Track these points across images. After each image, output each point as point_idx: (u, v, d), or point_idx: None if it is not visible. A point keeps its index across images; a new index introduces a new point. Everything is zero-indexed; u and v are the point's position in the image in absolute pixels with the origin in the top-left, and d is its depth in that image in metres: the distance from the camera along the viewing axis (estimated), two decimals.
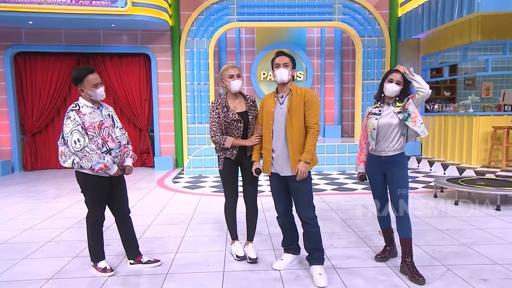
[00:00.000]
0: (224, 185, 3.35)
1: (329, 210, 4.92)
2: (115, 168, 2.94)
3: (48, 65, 8.57)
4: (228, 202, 3.36)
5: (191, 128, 8.80)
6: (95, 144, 2.85)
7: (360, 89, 8.93)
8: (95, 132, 2.87)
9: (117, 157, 2.99)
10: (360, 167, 3.24)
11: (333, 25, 8.82)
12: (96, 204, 3.00)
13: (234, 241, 3.44)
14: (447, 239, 3.81)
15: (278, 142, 2.95)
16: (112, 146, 2.95)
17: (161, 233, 4.16)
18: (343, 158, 8.11)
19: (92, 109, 2.93)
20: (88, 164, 2.80)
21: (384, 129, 2.99)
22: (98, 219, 3.03)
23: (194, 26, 8.58)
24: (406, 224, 3.01)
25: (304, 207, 2.95)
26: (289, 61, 2.95)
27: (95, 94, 2.89)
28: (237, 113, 3.20)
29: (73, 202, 5.60)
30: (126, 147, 3.12)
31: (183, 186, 6.81)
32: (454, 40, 7.92)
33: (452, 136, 7.88)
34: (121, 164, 3.08)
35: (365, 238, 3.85)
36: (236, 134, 3.22)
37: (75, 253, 3.56)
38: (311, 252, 3.04)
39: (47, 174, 8.40)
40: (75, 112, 2.84)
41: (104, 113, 3.00)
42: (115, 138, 2.98)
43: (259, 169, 3.11)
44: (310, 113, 2.89)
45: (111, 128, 2.99)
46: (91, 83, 2.87)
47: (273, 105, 2.99)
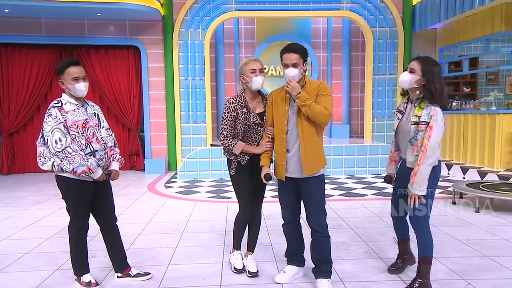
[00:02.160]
0: (238, 193, 3.28)
1: (336, 218, 4.91)
2: (99, 172, 2.92)
3: (27, 58, 8.56)
4: (243, 215, 3.29)
5: (185, 128, 8.80)
6: (78, 145, 2.84)
7: (371, 85, 8.93)
8: (78, 132, 2.86)
9: (102, 159, 2.98)
10: (390, 168, 3.20)
11: (340, 15, 8.83)
12: (79, 212, 2.98)
13: (235, 250, 3.43)
14: (467, 250, 3.79)
15: (292, 142, 2.94)
16: (96, 148, 2.94)
17: (152, 243, 4.15)
18: (352, 161, 8.10)
19: (76, 107, 2.92)
20: (70, 167, 2.78)
21: (402, 134, 2.97)
22: (81, 228, 3.01)
23: (188, 15, 8.59)
24: (427, 240, 2.92)
25: (315, 213, 2.95)
26: (298, 59, 2.86)
27: (73, 89, 2.88)
28: (257, 115, 3.15)
29: (55, 209, 5.59)
30: (113, 150, 3.11)
31: (176, 191, 6.80)
32: (475, 30, 7.93)
33: (473, 137, 7.87)
34: (107, 168, 3.07)
35: (377, 249, 3.84)
36: (255, 139, 3.17)
37: (57, 265, 3.54)
38: (318, 264, 3.03)
39: (26, 178, 8.39)
40: (57, 109, 2.84)
41: (89, 111, 2.99)
42: (100, 139, 2.98)
43: (269, 175, 3.02)
44: (324, 100, 2.86)
45: (97, 128, 2.99)
46: (71, 76, 2.86)
47: (285, 103, 2.96)
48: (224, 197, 6.23)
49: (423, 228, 2.93)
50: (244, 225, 3.36)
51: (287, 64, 2.88)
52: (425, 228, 2.93)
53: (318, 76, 10.31)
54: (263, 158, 3.10)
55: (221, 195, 6.41)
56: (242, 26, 10.32)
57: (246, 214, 3.29)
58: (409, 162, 2.91)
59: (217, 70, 10.08)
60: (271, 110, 3.06)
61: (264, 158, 3.09)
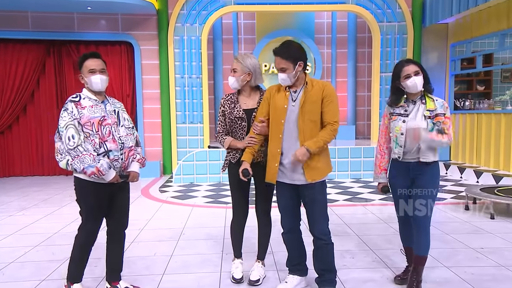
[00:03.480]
0: (231, 195, 3.38)
1: (342, 224, 4.91)
2: (111, 174, 2.89)
3: (12, 54, 8.56)
4: (234, 219, 3.38)
5: (181, 129, 8.79)
6: (91, 144, 2.84)
7: (378, 83, 8.94)
8: (93, 130, 2.86)
9: (117, 160, 2.94)
10: (382, 177, 3.23)
11: (346, 9, 8.83)
12: (91, 215, 2.97)
13: (235, 259, 3.43)
14: (481, 259, 3.78)
15: (289, 144, 2.93)
16: (111, 147, 2.90)
17: (146, 251, 4.14)
18: (358, 164, 8.10)
19: (95, 102, 2.94)
20: (80, 166, 2.79)
21: None
22: (90, 235, 3.00)
23: (184, 10, 8.59)
24: (423, 239, 3.07)
25: (317, 220, 2.95)
26: (286, 64, 2.85)
27: (89, 82, 2.90)
28: (244, 110, 3.21)
29: (41, 216, 5.58)
30: (133, 150, 3.08)
31: (171, 196, 6.80)
32: (489, 25, 7.92)
33: (487, 138, 7.86)
34: (124, 169, 3.04)
35: (384, 257, 3.83)
36: (240, 135, 3.22)
37: (44, 275, 3.53)
38: (321, 273, 3.02)
39: (10, 182, 8.37)
40: (74, 104, 2.86)
41: (108, 108, 2.99)
42: (117, 138, 2.95)
43: (247, 171, 3.00)
44: (330, 109, 2.89)
45: (115, 126, 2.97)
46: (88, 68, 2.91)
47: (284, 100, 2.96)
48: (222, 202, 6.23)
49: (425, 228, 3.07)
50: (237, 230, 3.37)
51: (277, 68, 2.94)
52: (427, 228, 3.08)
53: (322, 73, 10.32)
54: (245, 153, 3.09)
55: (219, 200, 6.40)
56: (241, 20, 10.34)
57: (237, 218, 3.35)
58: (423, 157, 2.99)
59: (215, 68, 10.09)
60: (265, 104, 3.06)
61: (246, 153, 3.08)
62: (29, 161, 9.01)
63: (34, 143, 8.96)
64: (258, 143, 3.10)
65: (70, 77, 8.83)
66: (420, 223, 3.05)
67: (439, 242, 4.23)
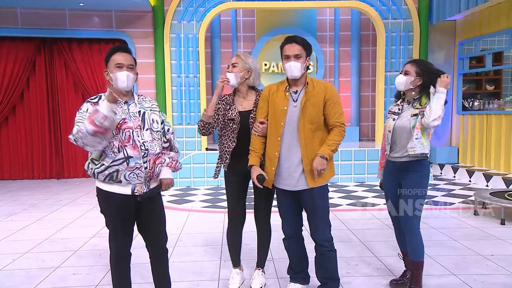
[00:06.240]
0: (227, 202, 3.39)
1: (345, 230, 4.90)
2: (102, 104, 2.50)
3: (0, 52, 8.55)
4: (230, 226, 3.37)
5: (178, 130, 8.78)
6: (109, 148, 2.62)
7: (382, 82, 8.94)
8: (113, 132, 2.62)
9: (139, 169, 2.66)
10: (381, 173, 3.42)
11: (349, 5, 8.85)
12: (115, 229, 2.77)
13: (234, 268, 3.44)
14: (492, 267, 3.78)
15: (288, 148, 2.93)
16: (131, 154, 2.64)
17: (140, 258, 4.09)
18: (362, 167, 8.10)
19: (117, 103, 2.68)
20: (84, 137, 2.47)
21: (400, 133, 3.13)
22: (119, 251, 2.80)
23: (181, 6, 8.59)
24: (415, 243, 3.13)
25: (319, 226, 2.96)
26: (301, 51, 2.86)
27: (114, 78, 2.69)
28: (239, 112, 3.21)
29: (31, 221, 5.57)
30: (161, 156, 2.81)
31: (167, 200, 6.78)
32: (499, 22, 7.93)
33: (497, 140, 7.87)
34: (150, 179, 2.75)
35: (390, 265, 3.83)
36: (232, 138, 3.21)
37: (32, 285, 3.52)
38: (324, 281, 3.03)
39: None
40: (90, 104, 2.66)
41: (132, 110, 2.75)
42: (139, 144, 2.68)
43: (262, 176, 2.93)
44: (336, 111, 2.93)
45: (138, 130, 2.71)
46: (114, 62, 2.71)
47: (284, 102, 2.95)
48: (221, 206, 6.22)
49: (414, 230, 3.13)
50: (234, 238, 3.37)
51: (288, 56, 2.87)
52: (416, 230, 3.14)
53: (325, 73, 10.33)
54: (252, 156, 3.03)
55: (217, 204, 6.40)
56: (240, 18, 10.35)
57: (234, 226, 3.35)
58: (411, 148, 3.05)
59: (213, 67, 10.10)
60: (264, 105, 3.05)
61: (253, 157, 3.02)
62: (19, 164, 8.97)
63: (23, 145, 8.94)
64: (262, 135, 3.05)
65: (61, 76, 8.84)
66: (408, 225, 3.14)
67: (447, 248, 4.23)
